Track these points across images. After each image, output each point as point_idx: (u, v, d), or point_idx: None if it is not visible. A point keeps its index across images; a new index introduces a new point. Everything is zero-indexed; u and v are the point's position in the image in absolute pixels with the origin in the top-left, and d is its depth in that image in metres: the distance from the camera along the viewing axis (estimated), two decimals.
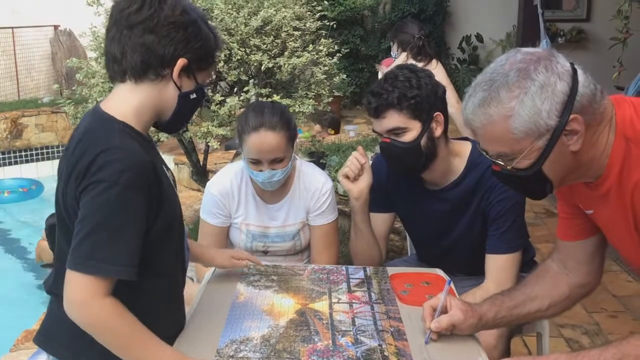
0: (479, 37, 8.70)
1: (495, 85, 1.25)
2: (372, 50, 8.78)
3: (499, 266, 1.96)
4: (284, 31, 3.39)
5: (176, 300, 1.60)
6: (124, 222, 1.32)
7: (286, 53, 3.37)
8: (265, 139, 2.02)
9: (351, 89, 8.43)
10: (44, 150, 8.18)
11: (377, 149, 2.74)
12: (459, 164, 2.03)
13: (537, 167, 1.28)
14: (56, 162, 8.46)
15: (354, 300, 1.75)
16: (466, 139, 2.10)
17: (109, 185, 1.29)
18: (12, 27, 8.92)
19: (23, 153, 8.09)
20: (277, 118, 2.04)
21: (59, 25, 9.33)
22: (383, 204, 2.18)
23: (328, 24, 3.80)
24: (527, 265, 2.04)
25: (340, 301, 1.75)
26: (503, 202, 1.96)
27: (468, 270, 2.13)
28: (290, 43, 3.38)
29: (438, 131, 1.95)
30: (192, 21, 1.43)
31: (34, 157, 8.16)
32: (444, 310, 1.54)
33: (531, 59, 1.25)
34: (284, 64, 3.30)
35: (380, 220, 2.20)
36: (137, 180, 1.33)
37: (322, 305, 1.72)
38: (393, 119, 1.91)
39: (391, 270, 1.98)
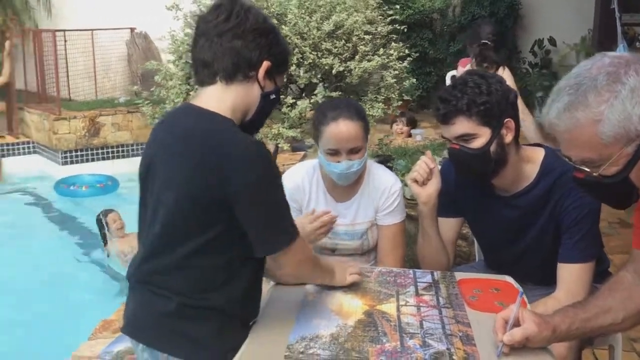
0: (552, 41, 8.45)
1: (583, 89, 1.23)
2: (441, 54, 8.70)
3: (571, 275, 1.92)
4: (355, 35, 3.42)
5: (261, 288, 1.70)
6: (282, 197, 1.53)
7: (357, 57, 3.40)
8: (344, 127, 2.11)
9: (418, 93, 8.38)
10: (120, 149, 8.53)
11: (445, 153, 2.73)
12: (531, 170, 2.00)
13: (624, 174, 1.25)
14: (131, 159, 8.67)
15: (421, 304, 1.76)
16: (539, 145, 2.07)
17: (259, 178, 1.46)
18: (91, 30, 9.33)
19: (100, 151, 8.45)
20: (354, 110, 2.16)
21: (135, 28, 9.69)
22: (451, 208, 2.18)
23: (399, 27, 3.80)
24: (600, 275, 1.99)
25: (408, 304, 1.76)
26: (578, 209, 1.91)
27: (538, 278, 2.10)
28: (361, 47, 3.42)
29: (508, 137, 1.92)
30: (273, 29, 1.60)
31: (110, 155, 8.51)
32: (516, 323, 1.49)
33: (620, 62, 1.23)
34: (355, 68, 3.33)
35: (448, 226, 2.19)
36: (271, 161, 1.51)
37: (389, 307, 1.73)
38: (462, 126, 1.89)
39: (459, 275, 1.97)
